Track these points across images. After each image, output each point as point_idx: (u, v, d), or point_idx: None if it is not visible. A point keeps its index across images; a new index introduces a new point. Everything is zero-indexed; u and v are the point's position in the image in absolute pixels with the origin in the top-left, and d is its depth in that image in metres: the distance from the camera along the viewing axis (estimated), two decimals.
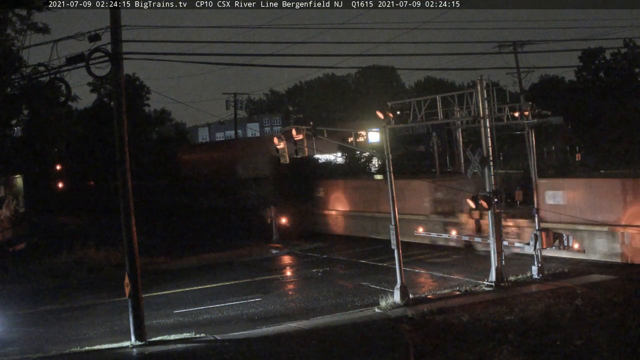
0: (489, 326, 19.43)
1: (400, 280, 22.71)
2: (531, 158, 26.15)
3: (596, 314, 19.84)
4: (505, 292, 23.43)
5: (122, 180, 20.06)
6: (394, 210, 23.11)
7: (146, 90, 75.75)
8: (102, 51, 19.34)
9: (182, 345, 19.22)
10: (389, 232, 23.51)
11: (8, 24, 33.82)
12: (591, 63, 66.39)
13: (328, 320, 21.24)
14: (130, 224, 20.01)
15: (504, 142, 42.89)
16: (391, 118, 24.04)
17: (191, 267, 33.29)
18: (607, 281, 23.93)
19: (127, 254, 20.07)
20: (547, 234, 25.35)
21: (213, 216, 50.54)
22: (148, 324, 20.70)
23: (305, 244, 37.95)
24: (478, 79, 24.76)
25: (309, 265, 31.92)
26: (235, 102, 69.72)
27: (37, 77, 22.36)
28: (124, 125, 20.07)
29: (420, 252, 32.45)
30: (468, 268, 28.07)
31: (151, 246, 36.34)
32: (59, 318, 24.37)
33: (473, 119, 25.76)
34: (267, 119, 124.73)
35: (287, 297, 25.75)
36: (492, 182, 24.32)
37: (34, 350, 19.75)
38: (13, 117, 40.59)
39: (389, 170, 23.36)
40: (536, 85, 72.09)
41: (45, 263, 33.19)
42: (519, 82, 54.43)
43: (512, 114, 25.88)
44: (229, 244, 38.62)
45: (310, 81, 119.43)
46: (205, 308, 24.35)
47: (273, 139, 25.32)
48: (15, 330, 22.26)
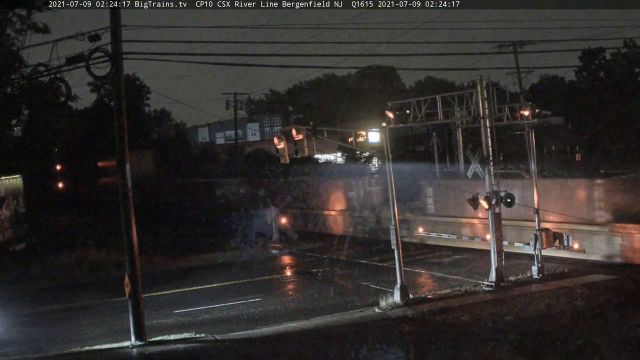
0: (489, 326, 19.43)
1: (400, 280, 22.72)
2: (531, 158, 26.15)
3: (596, 314, 19.84)
4: (505, 292, 23.44)
5: (122, 180, 20.06)
6: (394, 210, 23.15)
7: (146, 90, 75.78)
8: (102, 51, 19.35)
9: (182, 345, 19.22)
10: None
11: (8, 24, 33.83)
12: (591, 63, 66.38)
13: (328, 320, 21.24)
14: (130, 224, 20.01)
15: (504, 142, 42.88)
16: (391, 118, 24.06)
17: (191, 267, 33.31)
18: (607, 281, 23.94)
19: (127, 254, 20.07)
20: (547, 234, 25.35)
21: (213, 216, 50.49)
22: (148, 324, 20.71)
23: (305, 244, 37.96)
24: (478, 79, 24.77)
25: (309, 265, 31.93)
26: (235, 102, 69.61)
27: (37, 77, 22.36)
28: (124, 125, 20.06)
29: (421, 252, 32.49)
30: (468, 268, 28.07)
31: (151, 246, 36.34)
32: (59, 318, 24.38)
33: (473, 119, 25.77)
34: (267, 119, 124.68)
35: (287, 297, 25.75)
36: (492, 182, 24.34)
37: (34, 350, 19.76)
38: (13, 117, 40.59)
39: (389, 170, 23.38)
40: (536, 85, 72.12)
41: (45, 263, 33.24)
42: (519, 82, 54.45)
43: (512, 114, 25.88)
44: (229, 244, 38.61)
45: (310, 81, 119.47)
46: (205, 308, 24.35)
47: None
48: (15, 330, 22.27)
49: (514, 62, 53.95)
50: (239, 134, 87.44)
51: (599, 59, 66.33)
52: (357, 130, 24.99)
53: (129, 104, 22.79)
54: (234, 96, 69.61)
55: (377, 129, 25.01)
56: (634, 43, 61.51)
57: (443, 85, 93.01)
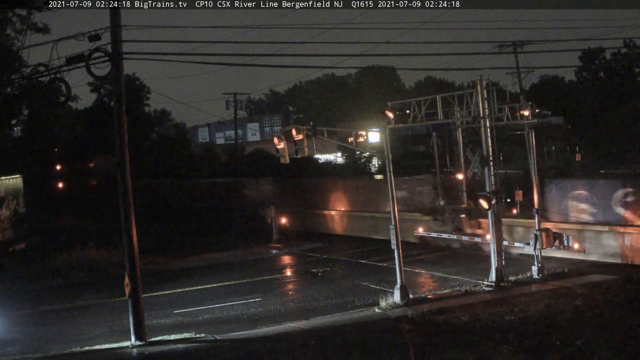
0: (489, 326, 19.42)
1: (400, 280, 22.71)
2: (531, 158, 26.15)
3: (596, 314, 19.83)
4: (505, 292, 23.44)
5: (122, 180, 20.06)
6: (394, 210, 23.12)
7: (146, 90, 75.74)
8: (102, 51, 19.34)
9: (182, 345, 19.21)
10: (388, 232, 23.55)
11: (8, 24, 33.78)
12: (591, 63, 66.48)
13: (328, 320, 21.23)
14: (130, 224, 20.00)
15: (504, 142, 42.87)
16: (391, 118, 24.05)
17: (191, 267, 33.28)
18: (607, 281, 23.93)
19: (127, 254, 20.07)
20: (547, 234, 25.34)
21: (213, 216, 50.52)
22: (148, 324, 20.70)
23: (305, 244, 37.96)
24: (478, 79, 24.77)
25: (309, 265, 31.92)
26: (235, 102, 69.65)
27: (37, 77, 22.37)
28: (124, 125, 20.06)
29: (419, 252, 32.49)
30: (468, 268, 28.06)
31: (151, 246, 36.33)
32: (59, 318, 24.37)
33: (473, 119, 25.78)
34: (267, 119, 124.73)
35: (287, 297, 25.75)
36: (492, 182, 24.33)
37: (34, 350, 19.75)
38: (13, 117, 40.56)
39: (389, 170, 23.36)
40: (536, 85, 72.12)
41: (45, 263, 33.18)
42: (519, 82, 54.48)
43: (512, 114, 25.88)
44: (229, 244, 38.62)
45: (310, 81, 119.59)
46: (205, 308, 24.34)
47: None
48: (15, 330, 22.25)
49: (514, 62, 54.00)
50: (239, 134, 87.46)
51: (599, 59, 66.42)
52: (357, 130, 24.97)
53: (129, 103, 22.76)
54: (234, 96, 69.65)
55: (377, 129, 25.01)
56: (634, 43, 61.63)
57: (443, 85, 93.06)
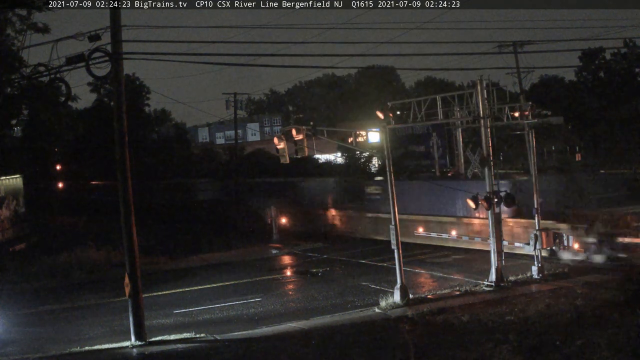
0: (489, 326, 19.42)
1: (400, 280, 22.71)
2: (531, 158, 26.15)
3: (596, 314, 19.83)
4: (505, 292, 23.44)
5: (122, 180, 20.06)
6: (394, 210, 23.12)
7: (146, 90, 75.64)
8: (102, 51, 19.34)
9: (182, 345, 19.22)
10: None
11: (8, 24, 33.74)
12: (591, 63, 66.41)
13: (328, 320, 21.24)
14: (130, 224, 20.01)
15: (504, 142, 42.90)
16: (391, 118, 24.06)
17: (191, 267, 33.29)
18: (607, 281, 23.92)
19: (127, 254, 20.07)
20: (547, 234, 25.35)
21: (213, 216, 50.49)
22: (148, 324, 20.70)
23: (305, 244, 37.95)
24: (478, 79, 24.78)
25: (309, 265, 31.92)
26: (235, 102, 69.48)
27: (37, 77, 22.38)
28: (124, 125, 20.06)
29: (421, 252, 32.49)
30: (468, 268, 28.06)
31: (151, 246, 36.32)
32: (59, 318, 24.36)
33: (473, 119, 25.80)
34: (267, 119, 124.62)
35: (287, 297, 25.75)
36: (492, 182, 24.33)
37: (34, 350, 19.75)
38: (13, 117, 40.52)
39: (389, 170, 23.36)
40: (536, 85, 72.03)
41: (45, 263, 33.17)
42: (519, 82, 54.38)
43: (512, 114, 25.91)
44: (229, 244, 38.61)
45: (310, 81, 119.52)
46: (205, 308, 24.35)
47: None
48: (15, 330, 22.24)
49: (514, 62, 53.91)
50: (239, 134, 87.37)
51: (599, 59, 66.35)
52: (357, 130, 25.01)
53: (129, 104, 22.74)
54: (234, 96, 69.52)
55: (377, 129, 25.03)
56: (634, 43, 61.54)
57: (443, 85, 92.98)
